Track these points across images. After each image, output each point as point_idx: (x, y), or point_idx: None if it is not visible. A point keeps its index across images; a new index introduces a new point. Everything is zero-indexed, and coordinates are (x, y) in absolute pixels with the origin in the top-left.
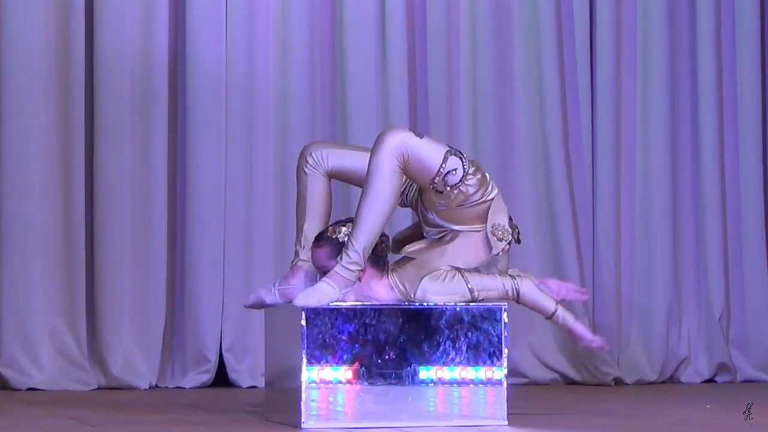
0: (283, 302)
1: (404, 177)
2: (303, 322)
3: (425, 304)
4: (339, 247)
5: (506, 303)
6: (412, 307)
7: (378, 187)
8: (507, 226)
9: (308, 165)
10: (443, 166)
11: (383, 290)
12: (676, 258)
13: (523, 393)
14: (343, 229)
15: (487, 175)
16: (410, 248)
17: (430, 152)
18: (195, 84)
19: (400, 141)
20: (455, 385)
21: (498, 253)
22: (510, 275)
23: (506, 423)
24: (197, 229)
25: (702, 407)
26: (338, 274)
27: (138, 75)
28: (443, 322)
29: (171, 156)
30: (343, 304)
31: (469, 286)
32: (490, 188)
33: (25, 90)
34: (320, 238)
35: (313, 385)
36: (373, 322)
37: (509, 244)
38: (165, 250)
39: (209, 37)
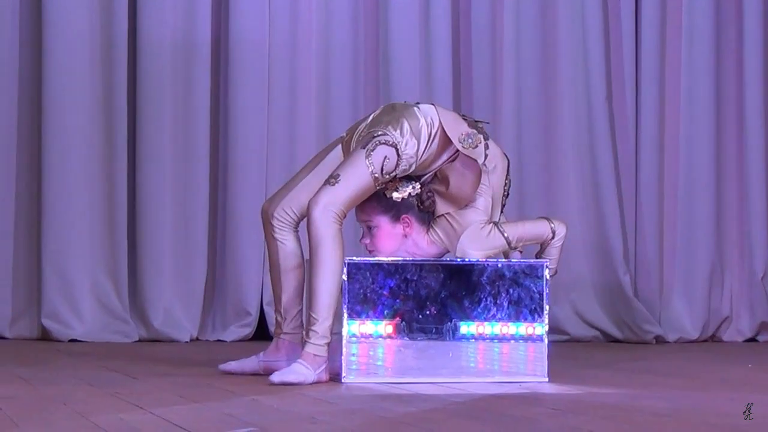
0: (264, 374)
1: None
2: (344, 277)
3: (467, 259)
4: (386, 203)
5: (548, 260)
6: (453, 262)
7: (325, 257)
8: (468, 132)
9: (275, 229)
10: (373, 172)
11: (428, 246)
12: (719, 216)
13: (564, 350)
14: (388, 185)
15: (415, 110)
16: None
17: (356, 182)
18: (238, 42)
19: (324, 209)
20: (496, 340)
21: (485, 158)
22: (546, 218)
23: (547, 379)
24: (239, 184)
25: (743, 366)
26: (309, 353)
27: (181, 36)
28: (485, 277)
29: (213, 111)
30: (385, 259)
31: (506, 235)
32: (428, 121)
33: (69, 46)
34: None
35: (354, 339)
36: (415, 278)
37: (485, 139)
38: (207, 204)
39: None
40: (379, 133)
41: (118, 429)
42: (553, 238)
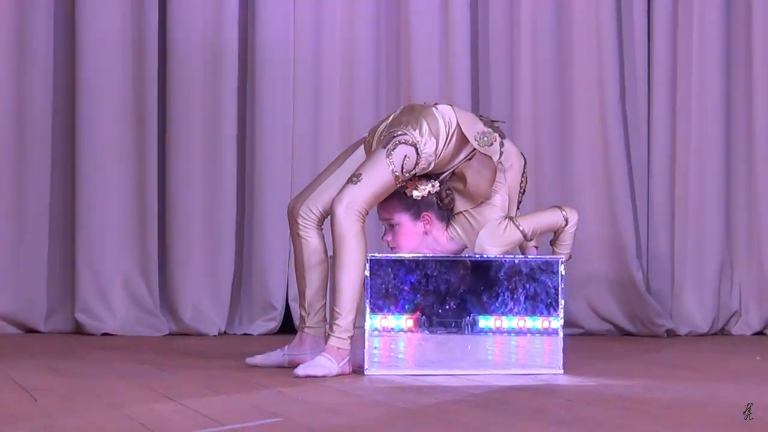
0: (289, 367)
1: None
2: (367, 273)
3: (485, 256)
4: (406, 202)
5: (562, 255)
6: (472, 258)
7: (348, 254)
8: (484, 130)
9: (300, 227)
10: (394, 170)
11: (447, 242)
12: (728, 214)
13: (579, 343)
14: (408, 184)
15: (433, 110)
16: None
17: (377, 180)
18: (264, 46)
19: (347, 207)
20: (513, 334)
21: (500, 156)
22: (558, 207)
23: (562, 372)
24: (265, 183)
25: (752, 358)
26: (332, 347)
27: (209, 41)
28: (502, 273)
29: (240, 113)
30: (406, 255)
31: (521, 228)
32: (446, 121)
33: (101, 51)
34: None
35: (376, 333)
36: (435, 273)
37: (501, 137)
38: (234, 202)
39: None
40: (399, 132)
41: (149, 419)
42: (566, 225)
